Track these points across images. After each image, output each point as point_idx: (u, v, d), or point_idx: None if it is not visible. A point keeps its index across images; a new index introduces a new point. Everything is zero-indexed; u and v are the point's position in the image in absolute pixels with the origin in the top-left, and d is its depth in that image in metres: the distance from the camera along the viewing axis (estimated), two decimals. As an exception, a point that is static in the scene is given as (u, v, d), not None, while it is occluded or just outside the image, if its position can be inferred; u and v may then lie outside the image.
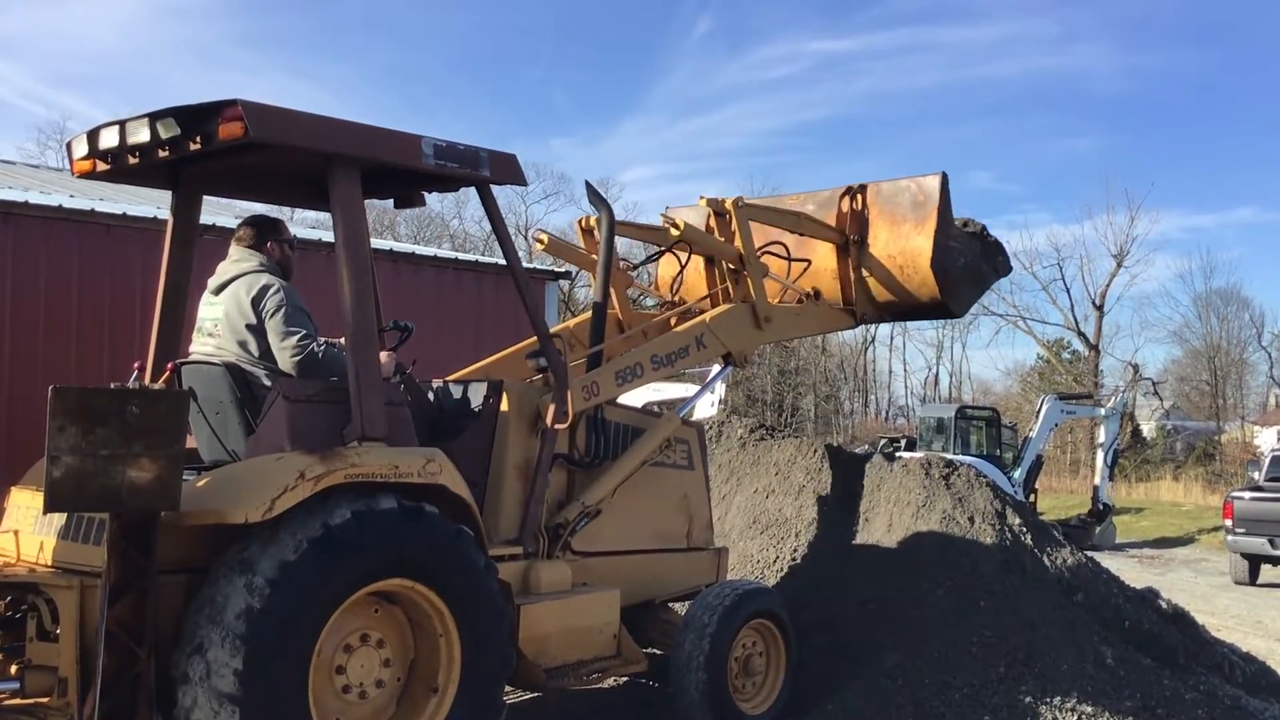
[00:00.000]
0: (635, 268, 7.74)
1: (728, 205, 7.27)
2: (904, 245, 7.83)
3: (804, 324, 7.92)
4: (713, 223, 7.40)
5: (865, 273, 7.99)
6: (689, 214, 7.62)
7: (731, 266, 7.37)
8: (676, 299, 7.94)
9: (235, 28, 68.94)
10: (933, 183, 7.87)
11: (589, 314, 7.35)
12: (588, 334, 7.15)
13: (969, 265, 8.21)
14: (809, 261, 7.94)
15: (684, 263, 7.75)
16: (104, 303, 10.31)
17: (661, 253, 7.70)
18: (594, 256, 7.29)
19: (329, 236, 10.48)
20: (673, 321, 7.64)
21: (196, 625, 4.25)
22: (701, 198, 7.40)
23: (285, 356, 5.03)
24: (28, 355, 9.89)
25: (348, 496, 4.56)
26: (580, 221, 7.49)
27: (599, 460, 6.27)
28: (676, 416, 6.83)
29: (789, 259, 7.86)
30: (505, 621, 5.11)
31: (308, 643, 4.37)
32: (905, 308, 8.10)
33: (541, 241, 7.16)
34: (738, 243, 7.26)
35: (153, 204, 10.87)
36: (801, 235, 7.92)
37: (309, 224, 15.13)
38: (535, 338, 6.02)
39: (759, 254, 7.47)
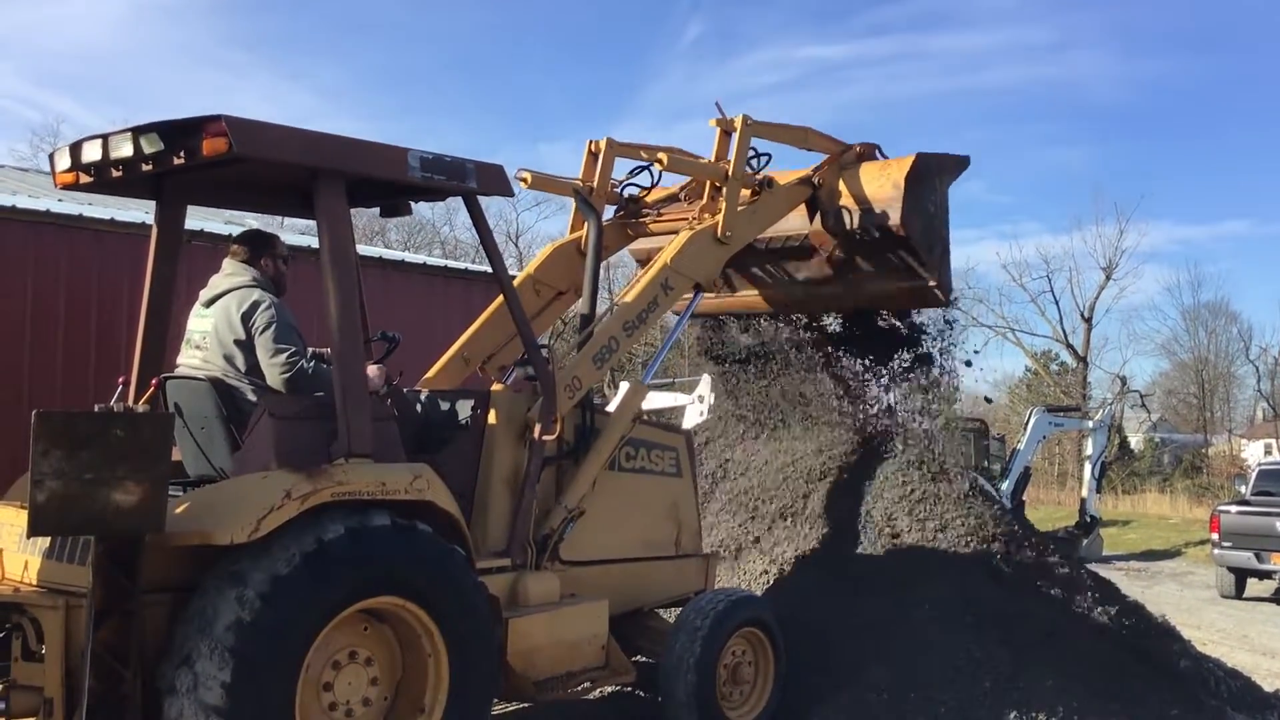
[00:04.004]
0: (619, 185, 7.67)
1: (735, 124, 7.37)
2: (896, 159, 7.97)
3: (763, 218, 7.67)
4: (716, 141, 7.48)
5: (847, 175, 8.00)
6: None
7: (717, 184, 7.34)
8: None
9: (224, 28, 68.52)
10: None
11: (548, 254, 7.35)
12: (552, 277, 7.25)
13: (936, 221, 8.18)
14: (769, 156, 7.92)
15: (653, 182, 7.74)
16: (91, 308, 10.23)
17: (641, 169, 7.66)
18: (578, 181, 7.31)
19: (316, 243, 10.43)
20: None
21: (185, 637, 4.24)
22: (713, 120, 7.49)
23: (275, 373, 5.01)
24: (12, 362, 9.80)
25: (340, 513, 4.56)
26: (590, 145, 7.43)
27: (587, 449, 6.24)
28: (643, 386, 6.81)
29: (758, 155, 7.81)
30: (494, 643, 5.11)
31: (296, 658, 4.37)
32: (862, 211, 7.91)
33: (525, 180, 7.12)
34: (729, 162, 7.28)
35: (141, 210, 10.80)
36: (808, 150, 8.02)
37: (298, 230, 15.06)
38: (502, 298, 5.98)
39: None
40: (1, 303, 9.76)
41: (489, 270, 14.31)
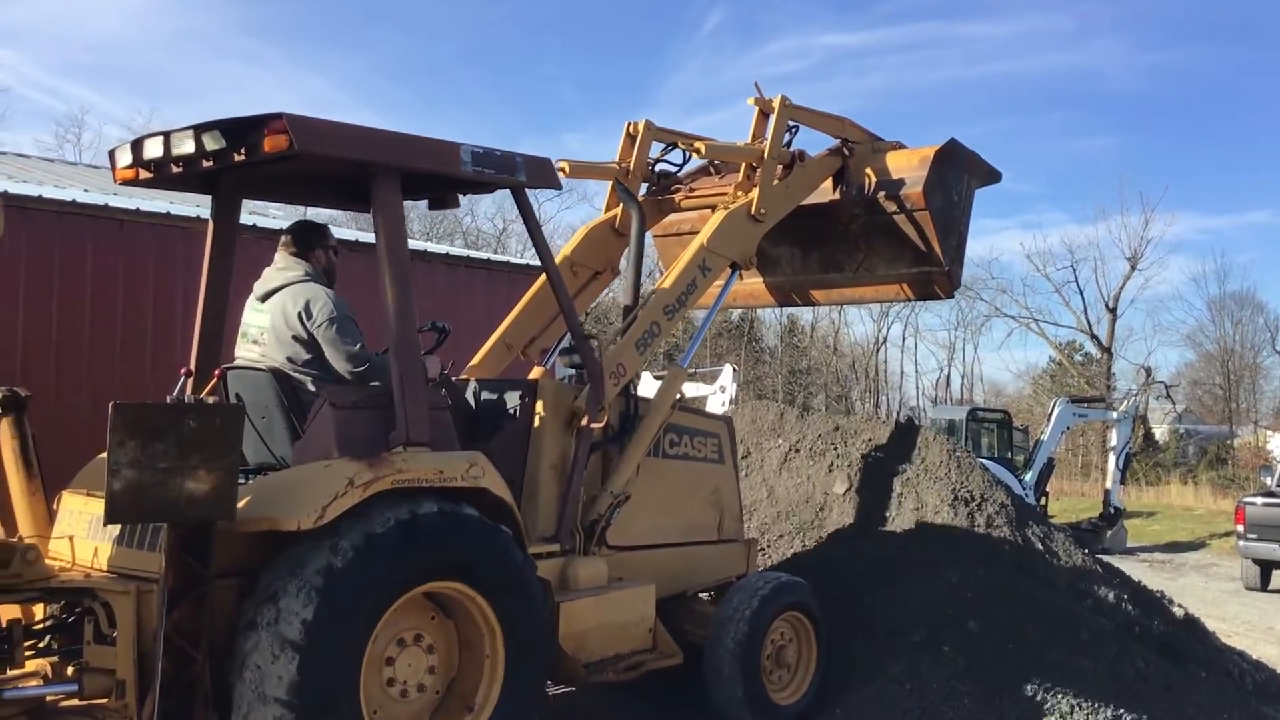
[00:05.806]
0: (652, 163, 7.80)
1: (774, 105, 7.46)
2: (921, 148, 8.02)
3: (796, 193, 7.69)
4: (753, 121, 7.56)
5: (877, 155, 8.07)
6: None
7: (754, 164, 7.41)
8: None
9: (242, 17, 68.67)
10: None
11: (584, 234, 7.45)
12: (588, 258, 7.38)
13: (957, 211, 8.19)
14: (798, 127, 7.91)
15: (684, 160, 7.86)
16: (116, 298, 10.25)
17: (674, 147, 7.79)
18: (613, 164, 7.43)
19: (352, 235, 10.49)
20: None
21: (274, 577, 4.38)
22: (751, 99, 7.59)
23: (346, 368, 5.14)
24: (40, 351, 9.82)
25: (406, 499, 4.68)
26: (629, 126, 7.58)
27: (631, 433, 6.35)
28: (682, 370, 6.92)
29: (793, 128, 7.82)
30: (548, 653, 5.25)
31: (373, 617, 4.52)
32: (887, 181, 7.97)
33: (564, 170, 7.20)
34: (765, 142, 7.35)
35: (165, 200, 10.89)
36: (842, 139, 8.06)
37: (335, 222, 15.19)
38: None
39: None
40: (29, 292, 9.80)
41: (511, 260, 14.45)
